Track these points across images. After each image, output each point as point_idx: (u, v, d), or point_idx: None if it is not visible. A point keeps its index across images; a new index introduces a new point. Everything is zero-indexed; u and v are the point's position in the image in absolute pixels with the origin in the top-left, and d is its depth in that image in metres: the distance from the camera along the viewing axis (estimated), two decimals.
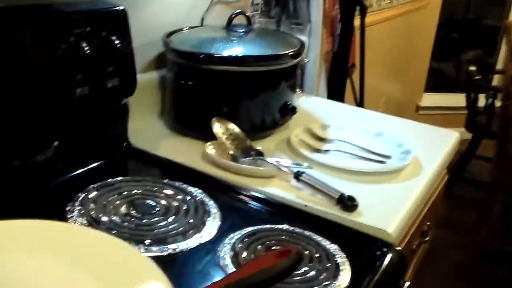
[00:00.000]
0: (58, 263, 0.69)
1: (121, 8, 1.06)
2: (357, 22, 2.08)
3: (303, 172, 1.03)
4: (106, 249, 0.72)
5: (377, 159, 1.19)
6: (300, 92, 1.56)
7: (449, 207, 3.16)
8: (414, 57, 3.86)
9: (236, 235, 0.87)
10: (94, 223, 0.85)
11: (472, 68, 3.28)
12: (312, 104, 1.54)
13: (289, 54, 1.24)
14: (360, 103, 2.13)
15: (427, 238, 1.29)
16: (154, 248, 0.81)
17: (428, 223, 1.30)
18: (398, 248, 0.93)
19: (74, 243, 0.72)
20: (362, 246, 0.92)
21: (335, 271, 0.82)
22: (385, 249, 0.91)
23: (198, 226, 0.88)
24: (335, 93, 2.01)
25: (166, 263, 0.71)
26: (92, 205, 0.89)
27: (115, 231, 0.83)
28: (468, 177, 3.59)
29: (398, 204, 1.03)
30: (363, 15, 1.93)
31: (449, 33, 4.58)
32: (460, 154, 3.42)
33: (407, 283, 0.96)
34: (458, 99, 3.66)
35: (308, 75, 1.85)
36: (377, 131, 1.32)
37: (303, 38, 1.42)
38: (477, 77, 3.28)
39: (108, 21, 1.03)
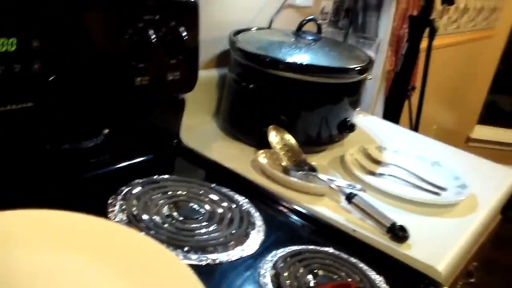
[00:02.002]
0: (87, 262, 0.66)
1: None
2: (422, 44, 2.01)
3: (355, 195, 0.98)
4: (143, 253, 0.69)
5: (432, 190, 1.13)
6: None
7: (497, 249, 3.03)
8: (472, 87, 3.74)
9: (279, 252, 0.83)
10: (134, 220, 0.82)
11: None
12: (368, 123, 1.50)
13: (357, 69, 1.19)
14: (415, 127, 2.07)
15: (472, 280, 1.23)
16: (193, 256, 0.77)
17: (475, 263, 1.24)
18: None
19: (108, 242, 0.69)
20: (409, 281, 0.87)
21: None
22: None
23: (241, 238, 0.84)
24: (391, 114, 1.96)
25: (203, 274, 0.68)
26: (134, 201, 0.86)
27: (154, 232, 0.80)
28: None
29: (450, 241, 0.97)
30: (431, 37, 1.86)
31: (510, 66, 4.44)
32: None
33: None
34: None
35: (367, 92, 1.81)
36: (434, 160, 1.27)
37: (370, 53, 1.36)
38: None
39: (179, 11, 0.99)
